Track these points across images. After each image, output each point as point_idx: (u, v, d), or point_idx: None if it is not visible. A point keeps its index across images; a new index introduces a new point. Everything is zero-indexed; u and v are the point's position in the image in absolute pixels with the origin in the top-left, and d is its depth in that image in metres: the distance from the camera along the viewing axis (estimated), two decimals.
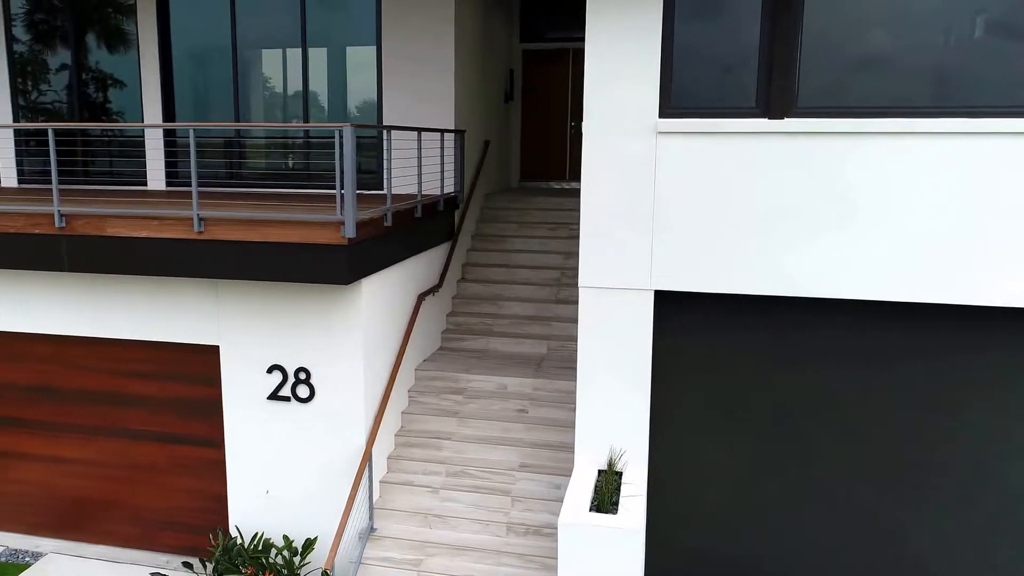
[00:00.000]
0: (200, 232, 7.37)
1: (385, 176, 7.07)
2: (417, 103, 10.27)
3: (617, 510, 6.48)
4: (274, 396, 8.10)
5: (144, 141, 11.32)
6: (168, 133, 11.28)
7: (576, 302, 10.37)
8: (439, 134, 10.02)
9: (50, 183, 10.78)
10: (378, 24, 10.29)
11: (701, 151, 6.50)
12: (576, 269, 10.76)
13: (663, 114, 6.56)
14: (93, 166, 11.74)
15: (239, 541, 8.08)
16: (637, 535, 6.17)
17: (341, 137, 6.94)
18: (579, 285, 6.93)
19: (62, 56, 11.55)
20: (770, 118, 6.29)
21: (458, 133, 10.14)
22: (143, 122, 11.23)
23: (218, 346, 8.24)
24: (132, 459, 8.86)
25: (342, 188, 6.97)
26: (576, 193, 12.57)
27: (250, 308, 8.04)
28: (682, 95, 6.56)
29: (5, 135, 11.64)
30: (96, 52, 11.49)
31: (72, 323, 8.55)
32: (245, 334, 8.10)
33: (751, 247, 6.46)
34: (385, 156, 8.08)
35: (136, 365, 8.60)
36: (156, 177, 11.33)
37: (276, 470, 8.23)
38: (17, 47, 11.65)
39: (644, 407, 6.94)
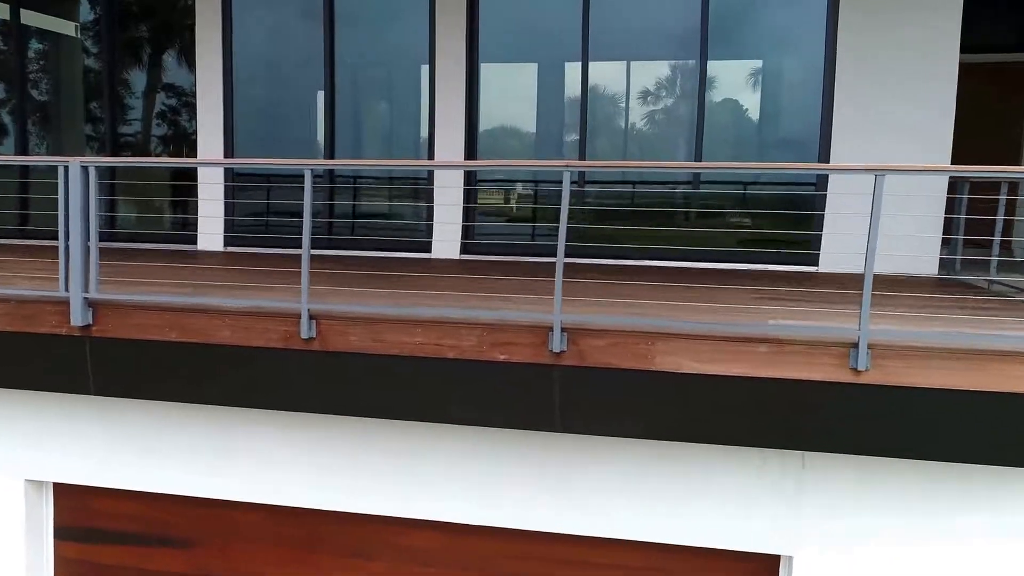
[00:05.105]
0: (860, 371, 3.92)
1: None
2: (886, 137, 6.87)
3: None
4: None
5: (433, 190, 7.76)
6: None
7: None
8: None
9: (263, 246, 7.02)
10: (829, 30, 6.96)
11: None
12: None
13: None
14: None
15: None
16: None
17: None
18: None
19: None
20: None
21: None
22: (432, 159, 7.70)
23: (787, 557, 4.69)
24: None
25: None
26: None
27: (856, 495, 4.54)
28: None
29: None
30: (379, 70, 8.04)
31: (495, 508, 4.93)
32: (846, 539, 4.57)
33: None
34: None
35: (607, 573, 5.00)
36: (448, 238, 7.72)
37: None
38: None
39: None
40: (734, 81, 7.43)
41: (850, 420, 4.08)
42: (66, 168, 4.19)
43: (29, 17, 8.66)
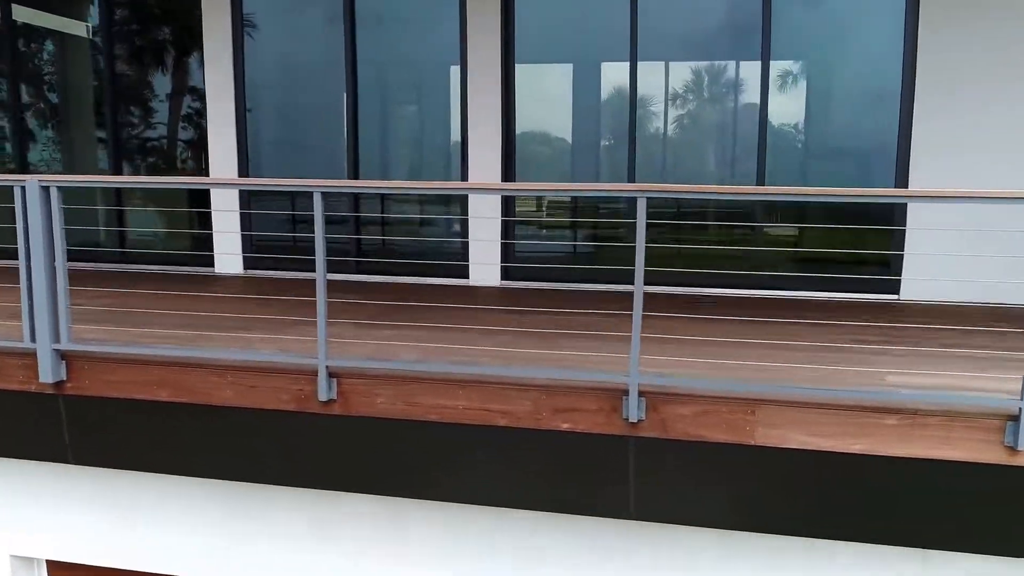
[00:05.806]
0: (1019, 451, 3.10)
1: None
2: (974, 146, 6.00)
3: None
4: None
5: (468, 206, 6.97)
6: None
7: None
8: None
9: (288, 268, 6.18)
10: (909, 23, 6.10)
11: None
12: None
13: None
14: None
15: None
16: None
17: None
18: None
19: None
20: None
21: None
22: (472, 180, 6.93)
23: None
24: None
25: None
26: None
27: None
28: None
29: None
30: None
31: None
32: None
33: None
34: None
35: None
36: (487, 261, 6.92)
37: None
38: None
39: None
40: (797, 83, 6.62)
41: (1001, 511, 3.27)
42: (23, 189, 3.41)
43: (35, 18, 7.99)
